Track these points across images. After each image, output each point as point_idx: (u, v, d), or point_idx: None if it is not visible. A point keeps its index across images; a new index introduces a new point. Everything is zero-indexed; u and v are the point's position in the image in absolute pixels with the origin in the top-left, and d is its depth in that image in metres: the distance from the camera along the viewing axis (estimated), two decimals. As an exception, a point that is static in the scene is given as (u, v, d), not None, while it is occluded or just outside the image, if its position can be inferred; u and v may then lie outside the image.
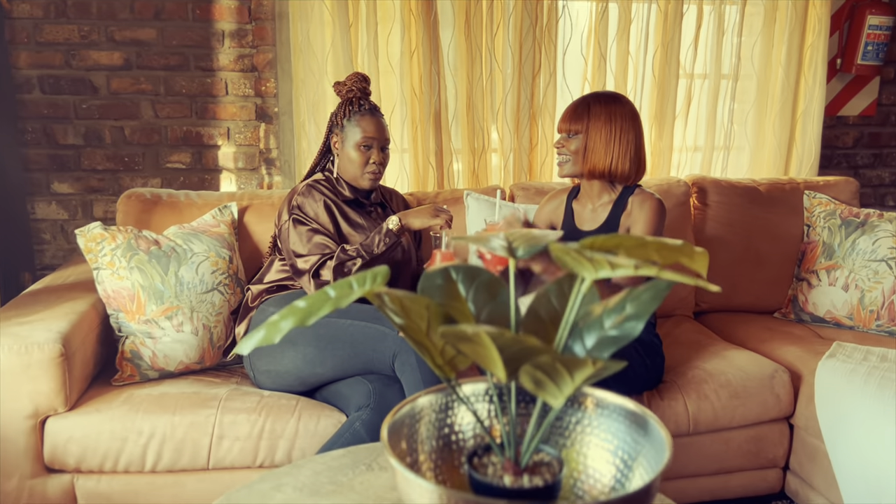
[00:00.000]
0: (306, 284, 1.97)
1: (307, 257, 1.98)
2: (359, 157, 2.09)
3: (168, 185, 2.92)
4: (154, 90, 2.84)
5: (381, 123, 2.13)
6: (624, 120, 1.97)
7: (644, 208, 1.97)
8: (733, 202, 2.67)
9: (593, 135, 1.97)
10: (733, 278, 2.64)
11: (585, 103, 2.00)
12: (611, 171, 1.99)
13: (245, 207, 2.38)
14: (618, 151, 1.97)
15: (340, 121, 2.12)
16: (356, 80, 2.13)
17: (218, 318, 2.10)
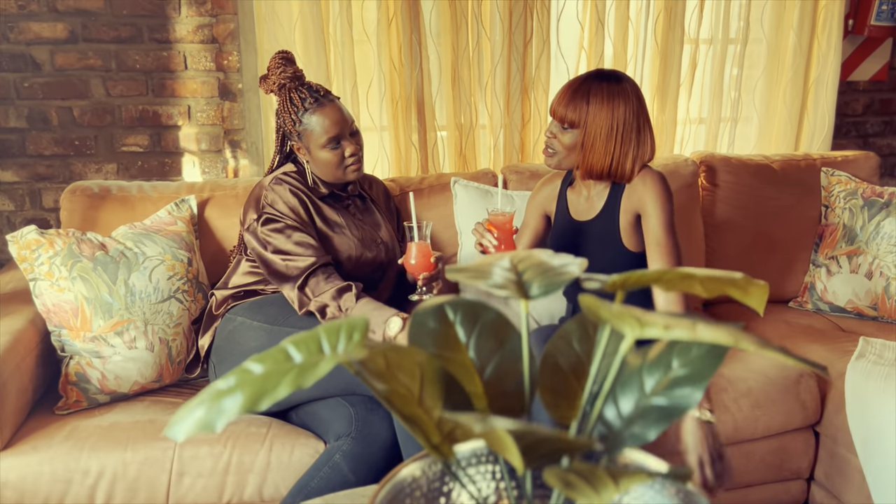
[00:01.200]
0: (288, 292, 1.73)
1: (292, 257, 1.73)
2: (331, 157, 1.83)
3: (125, 170, 2.65)
4: (104, 66, 2.55)
5: (338, 108, 1.84)
6: (627, 109, 1.70)
7: (648, 184, 1.73)
8: (744, 182, 2.45)
9: (593, 130, 1.70)
10: (745, 265, 2.43)
11: (586, 87, 1.71)
12: (610, 173, 1.74)
13: (206, 200, 2.12)
14: (619, 150, 1.71)
15: (292, 126, 1.83)
16: (280, 69, 1.83)
17: (177, 329, 1.86)
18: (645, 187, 1.73)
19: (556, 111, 1.74)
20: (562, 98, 1.73)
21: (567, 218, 1.88)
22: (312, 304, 1.68)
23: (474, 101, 2.58)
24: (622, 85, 1.72)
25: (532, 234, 1.99)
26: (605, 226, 1.80)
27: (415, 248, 1.78)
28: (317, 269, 1.71)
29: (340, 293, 1.67)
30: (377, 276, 1.94)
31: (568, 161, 1.76)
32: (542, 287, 0.83)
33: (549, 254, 0.91)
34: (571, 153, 1.74)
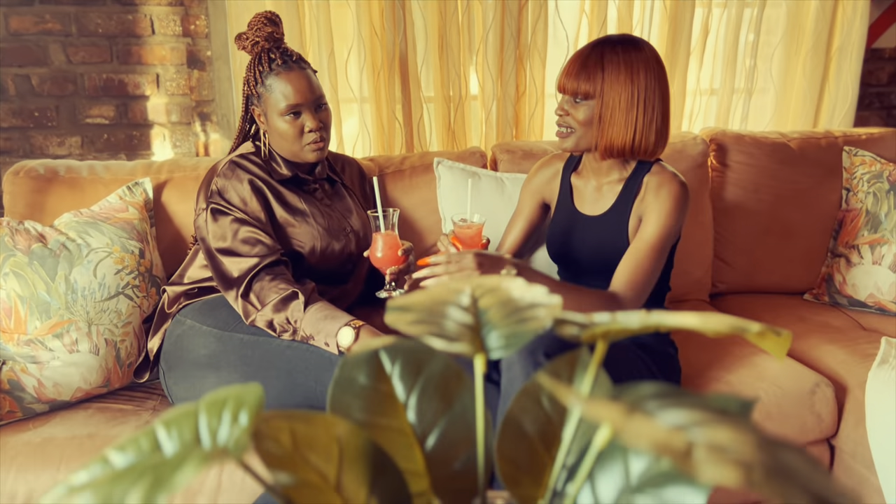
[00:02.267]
0: (233, 301, 1.55)
1: (235, 258, 1.55)
2: (288, 128, 1.62)
3: (90, 143, 2.45)
4: (64, 30, 2.34)
5: (306, 77, 1.64)
6: (648, 75, 1.50)
7: (661, 195, 1.54)
8: (758, 162, 2.23)
9: (611, 100, 1.50)
10: (757, 253, 2.23)
11: (598, 54, 1.52)
12: (633, 147, 1.54)
13: (163, 183, 1.93)
14: (642, 121, 1.51)
15: (254, 86, 1.64)
16: (261, 26, 1.64)
17: (126, 329, 1.68)
18: (661, 193, 1.54)
19: (566, 84, 1.54)
20: (571, 68, 1.53)
21: (570, 209, 1.69)
22: (258, 318, 1.50)
23: (464, 71, 2.36)
24: (640, 49, 1.52)
25: (525, 223, 1.79)
26: (614, 224, 1.61)
27: (381, 240, 1.59)
28: (260, 270, 1.52)
29: (285, 303, 1.49)
30: (346, 268, 1.76)
31: (586, 140, 1.56)
32: (503, 338, 0.64)
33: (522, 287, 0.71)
34: (589, 130, 1.55)
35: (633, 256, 1.52)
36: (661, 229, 1.52)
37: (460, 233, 1.50)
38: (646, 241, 1.52)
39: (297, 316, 1.47)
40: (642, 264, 1.51)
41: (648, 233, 1.52)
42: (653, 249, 1.52)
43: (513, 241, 1.80)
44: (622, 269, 1.53)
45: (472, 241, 1.50)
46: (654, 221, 1.52)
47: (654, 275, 1.53)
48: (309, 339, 1.46)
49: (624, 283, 1.51)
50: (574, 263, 1.68)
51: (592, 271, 1.65)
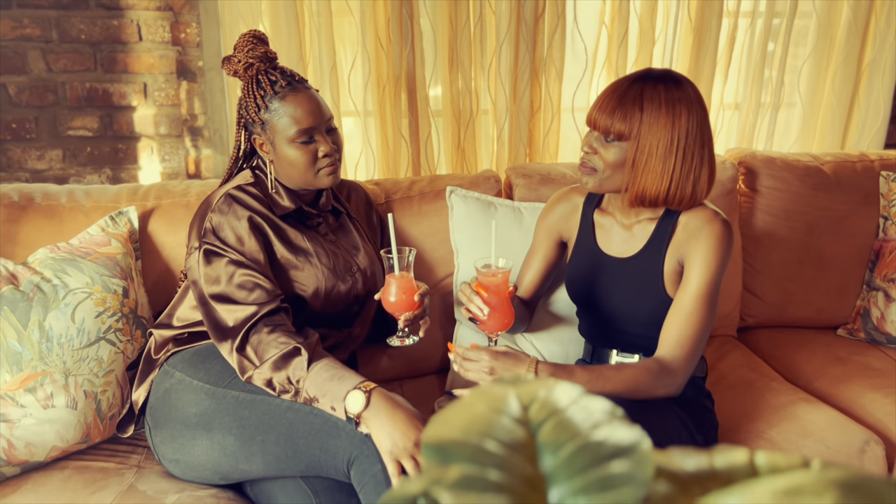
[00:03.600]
0: (227, 355, 1.39)
1: (230, 305, 1.39)
2: (300, 155, 1.46)
3: (72, 157, 2.28)
4: (44, 36, 2.17)
5: (315, 97, 1.48)
6: (690, 118, 1.34)
7: (702, 238, 1.38)
8: (790, 187, 2.09)
9: (647, 144, 1.34)
10: (788, 285, 2.09)
11: (637, 90, 1.34)
12: (667, 198, 1.39)
13: (150, 211, 1.76)
14: (679, 170, 1.35)
15: (255, 113, 1.47)
16: (250, 47, 1.47)
17: (107, 378, 1.52)
18: (701, 236, 1.38)
19: (599, 121, 1.36)
20: (606, 104, 1.36)
21: (593, 249, 1.53)
22: (256, 376, 1.34)
23: (475, 86, 2.19)
24: (682, 88, 1.36)
25: (543, 262, 1.64)
26: (645, 268, 1.45)
27: (394, 283, 1.44)
28: (258, 320, 1.36)
29: (286, 360, 1.33)
30: (352, 311, 1.60)
31: (611, 182, 1.40)
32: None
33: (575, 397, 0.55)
34: (617, 172, 1.38)
35: (680, 312, 1.37)
36: (707, 276, 1.37)
37: (485, 281, 1.35)
38: (692, 293, 1.37)
39: (300, 375, 1.31)
40: (692, 320, 1.37)
41: (694, 283, 1.37)
42: (701, 301, 1.37)
43: (530, 282, 1.65)
44: (669, 328, 1.38)
45: (499, 288, 1.35)
46: (699, 269, 1.37)
47: (706, 330, 1.38)
48: (313, 402, 1.31)
49: (673, 344, 1.36)
50: (600, 308, 1.53)
51: (622, 318, 1.50)
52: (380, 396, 1.27)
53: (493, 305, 1.34)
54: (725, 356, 1.94)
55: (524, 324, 1.68)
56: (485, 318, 1.33)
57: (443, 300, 1.87)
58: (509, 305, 1.36)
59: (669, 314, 1.39)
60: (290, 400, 1.33)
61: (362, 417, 1.26)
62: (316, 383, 1.30)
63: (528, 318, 1.68)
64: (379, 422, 1.25)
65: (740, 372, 1.86)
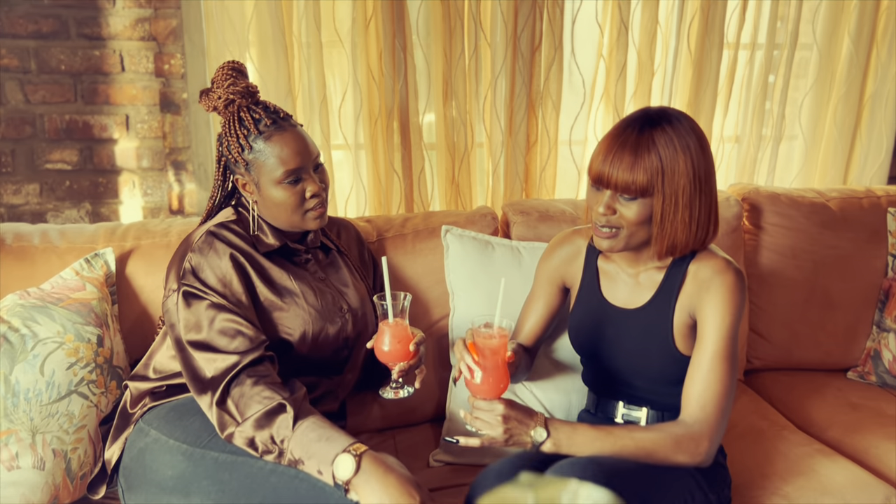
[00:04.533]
0: (206, 409, 1.29)
1: (210, 354, 1.29)
2: (288, 196, 1.38)
3: (49, 191, 2.19)
4: (22, 66, 2.09)
5: (301, 136, 1.41)
6: (700, 150, 1.26)
7: (714, 289, 1.30)
8: (796, 225, 2.02)
9: (673, 192, 1.24)
10: (796, 326, 2.01)
11: (648, 138, 1.24)
12: (694, 241, 1.30)
13: (128, 252, 1.66)
14: (701, 209, 1.27)
15: (238, 154, 1.39)
16: (230, 81, 1.39)
17: (79, 435, 1.41)
18: (712, 287, 1.30)
19: (616, 178, 1.24)
20: (618, 158, 1.24)
21: (598, 298, 1.44)
22: (237, 434, 1.24)
23: (470, 119, 2.12)
24: (683, 122, 1.27)
25: (544, 308, 1.55)
26: (654, 320, 1.37)
27: (388, 331, 1.35)
28: (240, 371, 1.27)
29: (270, 417, 1.23)
30: (342, 356, 1.51)
31: (636, 239, 1.30)
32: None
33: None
34: (641, 229, 1.28)
35: (700, 372, 1.28)
36: (723, 331, 1.28)
37: (482, 343, 1.24)
38: (710, 351, 1.28)
39: (285, 434, 1.22)
40: (712, 379, 1.28)
41: (710, 339, 1.29)
42: (720, 358, 1.28)
43: (531, 329, 1.56)
44: (691, 390, 1.29)
45: (494, 353, 1.24)
46: (714, 324, 1.28)
47: (730, 388, 1.29)
48: (298, 464, 1.21)
49: (695, 406, 1.27)
50: (605, 361, 1.44)
51: (628, 372, 1.41)
52: (371, 461, 1.18)
53: (486, 369, 1.24)
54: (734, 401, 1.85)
55: (524, 372, 1.59)
56: (476, 381, 1.24)
57: (438, 344, 1.78)
58: (505, 371, 1.26)
59: (689, 374, 1.30)
60: (273, 462, 1.23)
61: (352, 484, 1.16)
62: (302, 444, 1.20)
63: (528, 366, 1.60)
64: (370, 489, 1.15)
65: (750, 419, 1.77)
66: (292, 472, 1.22)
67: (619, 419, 1.46)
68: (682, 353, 1.34)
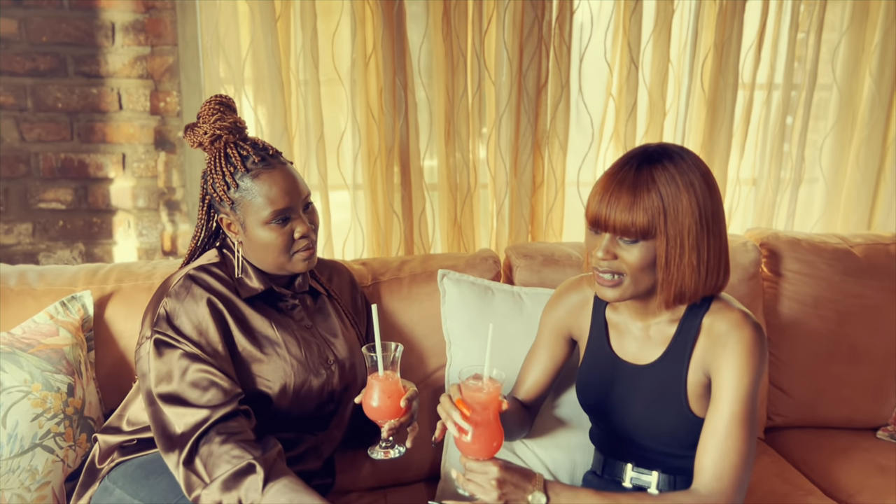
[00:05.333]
0: (173, 468, 1.19)
1: (179, 408, 1.20)
2: (275, 238, 1.30)
3: (42, 231, 2.13)
4: (18, 104, 2.05)
5: (291, 174, 1.33)
6: (705, 188, 1.15)
7: (731, 346, 1.18)
8: (818, 272, 1.90)
9: (677, 234, 1.14)
10: (819, 380, 1.88)
11: (647, 175, 1.14)
12: (704, 291, 1.20)
13: (108, 295, 1.58)
14: (710, 252, 1.16)
15: (224, 192, 1.31)
16: (217, 116, 1.32)
17: (42, 492, 1.31)
18: (729, 344, 1.18)
19: (613, 219, 1.14)
20: (616, 198, 1.14)
21: (606, 353, 1.33)
22: (204, 497, 1.13)
23: (473, 159, 2.05)
24: (686, 158, 1.16)
25: (549, 360, 1.44)
26: (665, 379, 1.25)
27: (377, 386, 1.24)
28: (210, 427, 1.17)
29: (238, 478, 1.13)
30: (327, 409, 1.40)
31: (640, 286, 1.19)
32: None
33: None
34: (645, 274, 1.17)
35: (715, 437, 1.16)
36: (741, 392, 1.16)
37: (470, 397, 1.14)
38: (726, 414, 1.16)
39: (254, 498, 1.11)
40: (728, 445, 1.15)
41: (726, 401, 1.17)
42: (738, 422, 1.16)
43: (533, 382, 1.45)
44: (705, 457, 1.17)
45: (485, 407, 1.13)
46: (731, 385, 1.16)
47: (748, 456, 1.17)
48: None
49: (710, 475, 1.15)
50: (614, 420, 1.32)
51: (638, 432, 1.29)
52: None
53: (477, 425, 1.12)
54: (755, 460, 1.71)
55: (524, 429, 1.47)
56: (467, 439, 1.13)
57: (433, 396, 1.67)
58: (498, 426, 1.15)
59: (702, 438, 1.18)
60: None
61: None
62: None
63: (528, 423, 1.48)
64: None
65: (771, 483, 1.64)
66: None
67: (627, 483, 1.33)
68: (697, 414, 1.22)
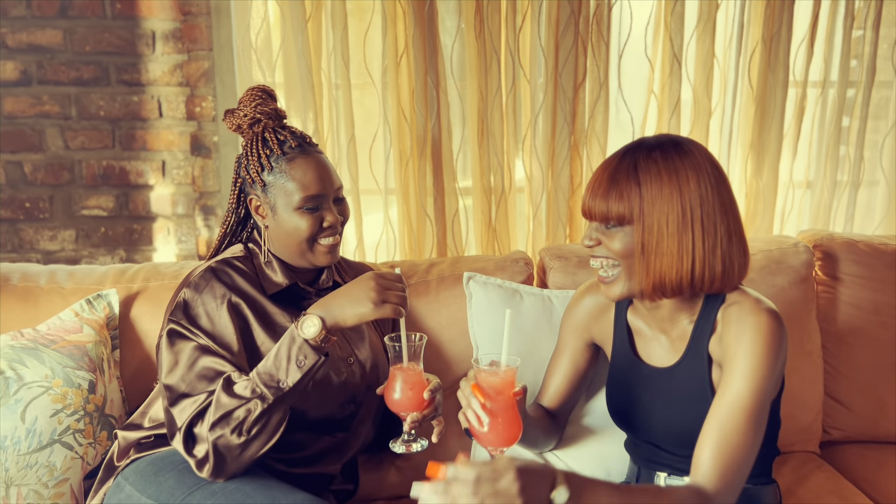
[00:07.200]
0: (179, 448, 1.17)
1: (184, 401, 1.18)
2: (303, 224, 1.28)
3: (85, 238, 2.16)
4: (63, 112, 2.09)
5: (324, 163, 1.32)
6: (701, 184, 1.11)
7: (743, 332, 1.11)
8: (878, 275, 1.77)
9: (654, 223, 1.11)
10: (882, 392, 1.74)
11: (629, 163, 1.13)
12: (693, 282, 1.13)
13: (134, 295, 1.58)
14: (701, 245, 1.11)
15: (257, 174, 1.30)
16: (258, 102, 1.31)
17: (59, 489, 1.30)
18: (743, 329, 1.11)
19: (594, 207, 1.14)
20: (597, 186, 1.14)
21: (630, 358, 1.26)
22: (203, 434, 1.15)
23: (508, 160, 1.99)
24: (685, 152, 1.12)
25: (570, 366, 1.36)
26: (688, 378, 1.18)
27: (400, 377, 1.20)
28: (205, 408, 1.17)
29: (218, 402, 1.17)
30: (347, 411, 1.36)
31: (632, 282, 1.15)
32: None
33: None
34: (630, 265, 1.14)
35: (717, 427, 1.08)
36: (752, 383, 1.08)
37: (484, 381, 1.08)
38: (732, 404, 1.08)
39: (242, 392, 1.16)
40: (733, 440, 1.07)
41: (734, 390, 1.09)
42: (745, 414, 1.08)
43: (556, 390, 1.37)
44: (704, 447, 1.08)
45: (498, 391, 1.08)
46: (741, 373, 1.08)
47: (751, 450, 1.08)
48: (270, 381, 1.15)
49: (713, 471, 1.07)
50: (643, 427, 1.24)
51: (670, 440, 1.21)
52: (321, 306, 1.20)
53: (492, 412, 1.07)
54: (807, 478, 1.59)
55: (551, 438, 1.40)
56: (483, 428, 1.07)
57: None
58: (515, 413, 1.09)
59: (704, 428, 1.10)
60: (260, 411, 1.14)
61: (321, 330, 1.17)
62: (263, 372, 1.17)
63: (555, 432, 1.40)
64: (331, 309, 1.18)
65: (826, 500, 1.51)
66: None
67: (663, 494, 1.25)
68: None
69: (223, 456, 1.14)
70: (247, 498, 1.13)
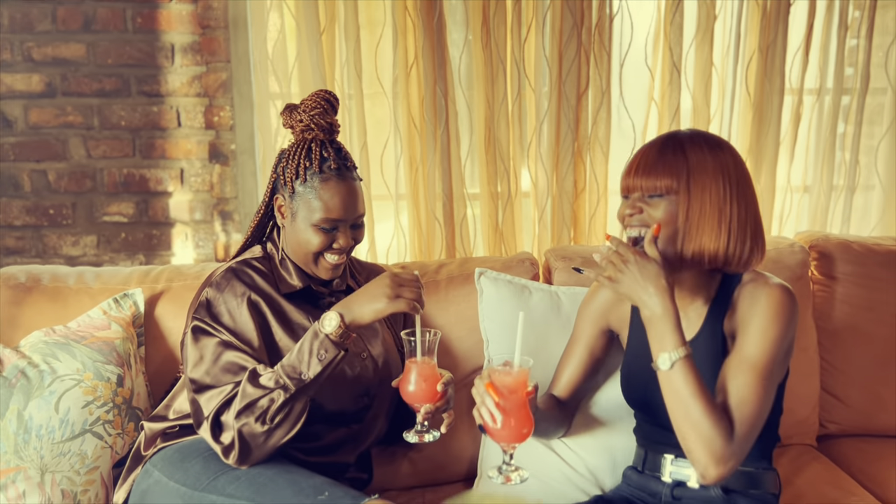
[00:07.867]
0: (206, 436, 1.24)
1: (209, 392, 1.25)
2: (315, 240, 1.35)
3: (106, 243, 2.24)
4: (85, 122, 2.18)
5: (356, 191, 1.37)
6: (738, 172, 1.22)
7: (758, 303, 1.20)
8: (872, 274, 1.84)
9: (699, 196, 1.19)
10: (877, 387, 1.80)
11: (676, 143, 1.22)
12: (726, 257, 1.21)
13: (158, 294, 1.66)
14: (737, 225, 1.19)
15: (291, 179, 1.36)
16: (320, 111, 1.36)
17: (90, 476, 1.37)
18: (754, 303, 1.19)
19: (642, 180, 1.22)
20: (643, 163, 1.23)
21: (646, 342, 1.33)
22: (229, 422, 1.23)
23: (514, 165, 2.07)
24: (721, 145, 1.24)
25: (586, 354, 1.43)
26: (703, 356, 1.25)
27: (414, 369, 1.27)
28: (232, 398, 1.24)
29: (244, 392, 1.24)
30: (361, 403, 1.42)
31: (668, 245, 1.22)
32: None
33: None
34: (670, 231, 1.21)
35: (729, 381, 1.16)
36: (764, 344, 1.16)
37: (498, 380, 1.15)
38: (743, 361, 1.16)
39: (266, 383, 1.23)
40: (742, 392, 1.15)
41: (746, 350, 1.17)
42: (755, 372, 1.15)
43: (570, 378, 1.44)
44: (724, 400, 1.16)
45: (512, 391, 1.14)
46: (753, 335, 1.17)
47: (761, 407, 1.15)
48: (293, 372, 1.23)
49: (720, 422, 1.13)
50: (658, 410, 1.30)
51: None
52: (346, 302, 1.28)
53: (505, 410, 1.13)
54: (803, 469, 1.65)
55: (561, 428, 1.46)
56: (497, 425, 1.13)
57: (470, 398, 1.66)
58: (527, 411, 1.16)
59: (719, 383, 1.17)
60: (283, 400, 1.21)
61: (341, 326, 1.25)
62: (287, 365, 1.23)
63: (565, 422, 1.47)
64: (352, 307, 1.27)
65: (822, 489, 1.57)
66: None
67: (666, 477, 1.32)
68: None
69: (248, 443, 1.21)
70: (269, 481, 1.20)
